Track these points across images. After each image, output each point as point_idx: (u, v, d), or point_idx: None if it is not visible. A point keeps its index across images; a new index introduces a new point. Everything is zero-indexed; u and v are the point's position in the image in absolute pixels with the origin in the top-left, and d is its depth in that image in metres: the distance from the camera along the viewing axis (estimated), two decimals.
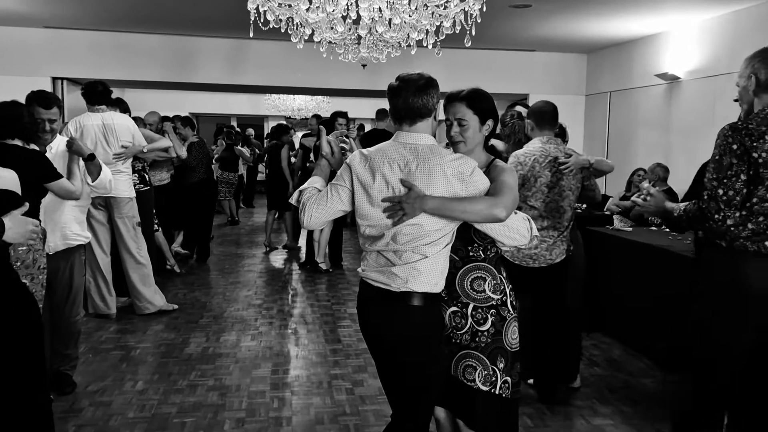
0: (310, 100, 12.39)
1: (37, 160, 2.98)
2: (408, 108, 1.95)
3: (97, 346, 4.18)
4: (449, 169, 1.90)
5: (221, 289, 5.83)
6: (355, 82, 7.51)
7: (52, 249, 3.28)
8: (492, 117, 2.13)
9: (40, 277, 3.02)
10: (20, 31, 6.69)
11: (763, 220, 2.16)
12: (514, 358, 2.14)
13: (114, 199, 4.58)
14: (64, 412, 3.17)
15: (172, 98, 11.71)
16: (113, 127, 4.55)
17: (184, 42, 7.15)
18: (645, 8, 5.46)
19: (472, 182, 1.91)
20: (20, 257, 2.91)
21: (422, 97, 1.94)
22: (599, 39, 6.92)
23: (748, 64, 2.30)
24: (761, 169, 2.14)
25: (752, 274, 2.18)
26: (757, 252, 2.18)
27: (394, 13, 3.14)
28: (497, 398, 2.09)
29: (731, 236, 2.21)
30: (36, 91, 3.25)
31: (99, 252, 4.69)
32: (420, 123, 1.97)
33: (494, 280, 2.11)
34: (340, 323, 4.80)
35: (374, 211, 1.95)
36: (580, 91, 8.03)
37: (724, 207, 2.17)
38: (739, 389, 2.31)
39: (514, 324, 2.14)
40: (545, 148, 3.21)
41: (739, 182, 2.16)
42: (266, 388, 3.54)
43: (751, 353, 2.26)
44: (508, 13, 5.68)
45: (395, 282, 1.95)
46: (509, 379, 2.11)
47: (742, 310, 2.22)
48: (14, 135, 2.96)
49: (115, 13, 6.03)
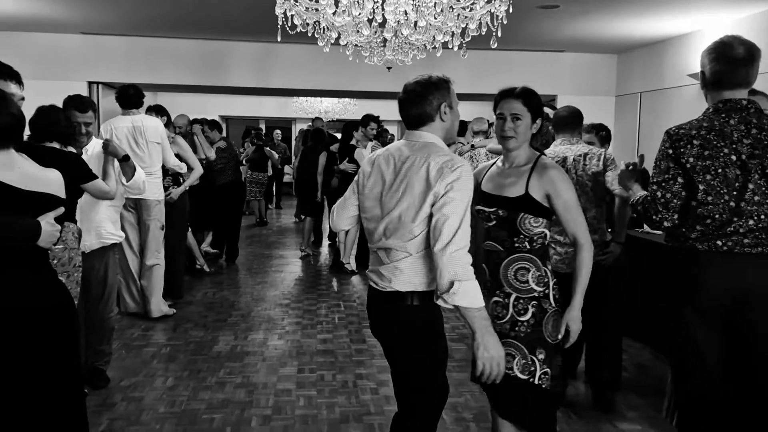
0: (336, 103, 12.47)
1: (73, 162, 3.08)
2: (408, 118, 2.06)
3: (130, 342, 4.29)
4: (434, 164, 1.93)
5: (249, 288, 5.92)
6: (380, 84, 7.52)
7: (88, 248, 3.38)
8: (541, 116, 2.19)
9: (76, 275, 3.12)
10: (58, 38, 6.89)
11: (710, 223, 2.16)
12: (554, 350, 2.14)
13: (144, 201, 4.69)
14: (98, 406, 3.27)
15: (202, 101, 11.91)
16: (142, 129, 4.66)
17: (215, 46, 7.27)
18: (677, 7, 5.36)
19: (452, 179, 1.89)
20: (56, 255, 3.01)
21: (418, 106, 2.01)
22: (630, 39, 6.82)
23: (700, 59, 2.28)
24: (692, 174, 2.15)
25: (705, 272, 2.17)
26: (707, 251, 2.17)
27: (419, 16, 3.16)
28: (536, 388, 2.10)
29: (683, 237, 2.23)
30: (72, 96, 3.37)
31: (129, 253, 4.80)
32: (423, 128, 2.04)
33: (538, 272, 2.12)
34: (365, 324, 4.83)
35: (368, 202, 2.08)
36: (610, 92, 7.91)
37: (662, 209, 2.21)
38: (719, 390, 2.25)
39: (556, 317, 2.13)
40: (554, 151, 3.26)
41: (676, 185, 2.19)
42: (292, 386, 3.59)
43: (721, 353, 2.22)
44: (536, 14, 5.64)
45: (382, 281, 2.03)
46: (549, 371, 2.11)
47: (699, 307, 2.21)
48: (52, 138, 3.08)
49: (148, 19, 6.18)
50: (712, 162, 2.13)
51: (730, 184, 2.12)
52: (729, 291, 2.15)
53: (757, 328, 2.15)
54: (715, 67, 2.20)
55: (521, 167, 2.19)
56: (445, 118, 2.03)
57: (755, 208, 2.12)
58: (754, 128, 2.14)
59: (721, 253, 2.15)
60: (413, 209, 1.95)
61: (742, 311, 2.15)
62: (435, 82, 2.02)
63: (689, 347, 2.25)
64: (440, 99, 2.01)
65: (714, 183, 2.14)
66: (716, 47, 2.22)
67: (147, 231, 4.79)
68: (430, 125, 2.04)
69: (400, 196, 1.98)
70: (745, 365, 2.19)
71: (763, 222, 2.12)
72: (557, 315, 2.14)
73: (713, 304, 2.18)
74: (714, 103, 2.24)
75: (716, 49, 2.22)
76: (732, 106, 2.18)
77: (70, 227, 3.10)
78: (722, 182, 2.13)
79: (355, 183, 2.16)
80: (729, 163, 2.12)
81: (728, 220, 2.13)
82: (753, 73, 2.20)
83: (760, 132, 2.14)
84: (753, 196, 2.12)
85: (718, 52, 2.20)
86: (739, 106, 2.18)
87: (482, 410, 3.27)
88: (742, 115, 2.17)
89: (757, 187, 2.12)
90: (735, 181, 2.12)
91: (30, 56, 6.81)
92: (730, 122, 2.16)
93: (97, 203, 3.44)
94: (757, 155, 2.11)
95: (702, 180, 2.14)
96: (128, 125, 4.65)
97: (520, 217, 2.11)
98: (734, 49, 2.18)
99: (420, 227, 1.95)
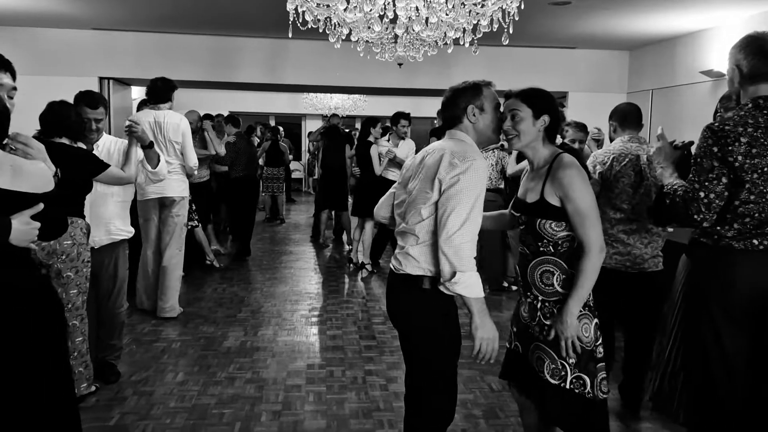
0: (347, 99, 12.46)
1: (83, 156, 3.11)
2: (444, 121, 2.22)
3: (140, 338, 4.32)
4: (448, 153, 2.02)
5: (259, 284, 5.94)
6: (391, 80, 7.52)
7: (97, 243, 3.40)
8: (548, 113, 2.14)
9: (85, 270, 3.14)
10: (69, 33, 6.93)
11: (749, 221, 2.11)
12: (588, 356, 2.09)
13: (167, 198, 4.66)
14: (109, 399, 3.29)
15: (213, 97, 11.95)
16: (163, 124, 4.59)
17: (225, 42, 7.29)
18: (689, 4, 5.31)
19: (459, 171, 1.97)
20: (65, 251, 3.04)
21: (448, 110, 2.16)
22: (642, 35, 6.76)
23: (731, 54, 2.21)
24: (740, 173, 2.08)
25: (739, 270, 2.12)
26: (744, 250, 2.12)
27: (431, 12, 3.15)
28: (569, 393, 2.07)
29: (717, 236, 2.17)
30: (83, 92, 3.38)
31: (148, 250, 4.76)
32: (455, 129, 2.15)
33: (563, 275, 2.10)
34: (375, 320, 4.84)
35: (400, 189, 2.22)
36: (621, 89, 7.85)
37: (705, 210, 2.11)
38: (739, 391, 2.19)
39: (585, 321, 2.08)
40: (626, 147, 3.12)
41: (720, 185, 2.10)
42: (302, 382, 3.60)
43: (745, 354, 2.17)
44: (548, 11, 5.61)
45: (398, 264, 2.13)
46: (584, 377, 2.07)
47: (730, 307, 2.15)
48: (62, 133, 3.09)
49: (159, 14, 6.20)
50: (760, 160, 2.06)
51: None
52: (763, 291, 2.10)
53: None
54: (753, 60, 2.13)
55: (541, 169, 2.17)
56: (473, 119, 2.12)
57: None
58: None
59: (758, 252, 2.10)
60: (423, 192, 2.05)
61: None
62: (465, 87, 2.14)
63: (715, 353, 2.18)
64: (467, 101, 2.12)
65: (759, 182, 2.07)
66: (751, 42, 2.16)
67: (168, 228, 4.71)
68: (460, 126, 2.14)
69: (417, 181, 2.10)
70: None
71: None
72: (586, 319, 2.09)
73: (747, 304, 2.12)
74: (752, 98, 2.15)
75: (752, 44, 2.15)
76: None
77: (79, 223, 3.12)
78: (766, 181, 2.07)
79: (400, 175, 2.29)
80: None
81: (767, 220, 2.09)
82: None
83: None
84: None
85: (755, 46, 2.14)
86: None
87: (491, 407, 3.27)
88: None
89: None
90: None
91: (41, 52, 6.86)
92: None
93: (106, 199, 3.45)
94: None
95: (749, 179, 2.07)
96: (151, 120, 4.56)
97: (539, 222, 2.10)
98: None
99: (427, 210, 2.03)
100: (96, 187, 3.26)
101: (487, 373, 3.65)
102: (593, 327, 2.11)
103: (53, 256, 3.01)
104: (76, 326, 3.14)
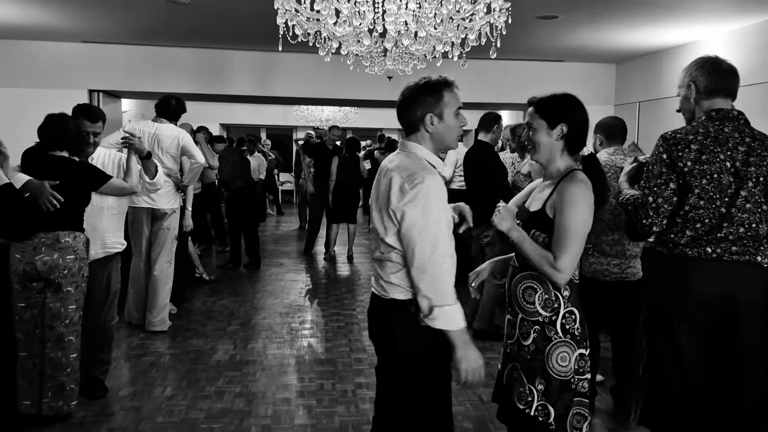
0: (337, 111, 12.51)
1: (84, 170, 3.11)
2: (401, 125, 2.03)
3: (128, 352, 4.28)
4: (397, 178, 1.88)
5: (249, 297, 5.91)
6: (381, 93, 7.55)
7: (92, 256, 3.37)
8: (564, 121, 2.02)
9: (83, 285, 3.13)
10: (59, 46, 6.91)
11: (700, 227, 2.18)
12: (560, 386, 1.94)
13: (158, 210, 4.64)
14: (96, 415, 3.25)
15: (204, 109, 11.93)
16: (161, 138, 4.61)
17: (216, 55, 7.30)
18: (675, 18, 5.39)
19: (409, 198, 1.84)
20: (68, 266, 3.01)
21: (404, 114, 1.99)
22: (628, 49, 6.85)
23: (686, 73, 2.35)
24: (688, 178, 2.17)
25: (693, 279, 2.19)
26: (698, 257, 2.19)
27: (419, 26, 3.18)
28: (532, 420, 1.97)
29: (672, 243, 2.23)
30: (82, 105, 3.38)
31: (138, 263, 4.73)
32: (411, 137, 2.00)
33: (545, 294, 1.97)
34: (365, 333, 4.81)
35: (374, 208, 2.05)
36: (609, 101, 7.94)
37: (652, 214, 2.21)
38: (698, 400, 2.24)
39: (564, 349, 1.95)
40: (610, 159, 3.20)
41: (668, 190, 2.20)
42: (292, 395, 3.58)
43: (703, 360, 2.22)
44: (535, 24, 5.67)
45: (381, 291, 2.01)
46: (549, 407, 1.94)
47: (687, 315, 2.21)
48: (62, 147, 3.08)
49: (149, 27, 6.20)
50: (709, 166, 2.17)
51: (723, 190, 2.16)
52: (717, 298, 2.17)
53: (742, 336, 2.17)
54: (709, 77, 2.28)
55: (552, 181, 2.06)
56: (431, 129, 1.95)
57: (746, 216, 2.16)
58: (747, 137, 2.21)
59: (710, 260, 2.18)
60: (381, 224, 1.93)
61: (728, 319, 2.17)
62: (423, 88, 1.93)
63: (671, 357, 2.25)
64: (426, 108, 1.93)
65: (708, 188, 2.17)
66: (706, 61, 2.33)
67: (159, 241, 4.68)
68: (416, 135, 1.98)
69: (375, 209, 1.98)
70: (729, 373, 2.20)
71: (752, 230, 2.17)
72: (566, 347, 1.95)
73: (702, 311, 2.19)
74: (706, 111, 2.28)
75: (707, 63, 2.32)
76: (725, 114, 2.25)
77: (81, 237, 3.10)
78: (716, 187, 2.17)
79: None
80: (724, 170, 2.17)
81: (718, 226, 2.17)
82: (738, 86, 2.33)
83: (754, 140, 2.21)
84: (745, 203, 2.16)
85: (710, 64, 2.31)
86: (731, 115, 2.26)
87: (481, 419, 3.26)
88: (735, 124, 2.24)
89: (750, 194, 2.16)
90: (728, 187, 2.17)
91: (31, 65, 6.83)
92: (725, 130, 2.22)
93: (101, 212, 3.44)
94: (752, 162, 2.17)
95: (698, 184, 2.17)
96: (151, 131, 4.62)
97: (533, 233, 1.99)
98: (723, 62, 2.32)
99: (393, 239, 1.91)
100: (93, 200, 3.26)
101: (477, 385, 3.64)
102: (575, 357, 1.96)
103: (55, 270, 2.99)
104: (72, 342, 3.10)
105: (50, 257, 2.97)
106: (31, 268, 2.96)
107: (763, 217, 2.19)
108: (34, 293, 3.03)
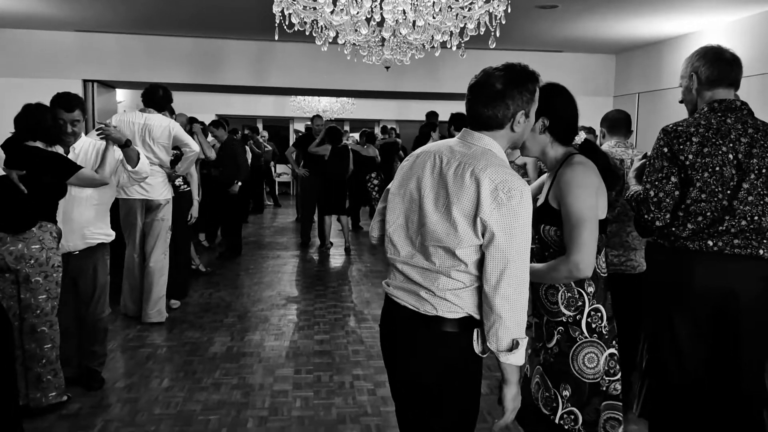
0: (335, 102, 12.44)
1: (54, 159, 3.07)
2: (476, 117, 1.69)
3: (125, 344, 4.26)
4: (488, 181, 1.57)
5: (246, 289, 5.89)
6: (378, 83, 7.52)
7: (74, 248, 3.33)
8: (543, 114, 1.87)
9: (55, 275, 3.09)
10: (53, 35, 6.84)
11: (702, 220, 2.16)
12: (590, 390, 1.83)
13: (151, 201, 4.59)
14: (92, 407, 3.24)
15: (199, 100, 11.87)
16: (151, 128, 4.54)
17: (211, 44, 7.24)
18: (675, 9, 5.36)
19: (510, 210, 1.55)
20: (34, 255, 3.00)
21: (492, 107, 1.65)
22: (628, 39, 6.82)
23: (688, 63, 2.32)
24: (689, 171, 2.15)
25: (696, 272, 2.18)
26: (699, 251, 2.17)
27: (417, 15, 3.14)
28: (558, 428, 1.87)
29: (673, 237, 2.22)
30: (60, 94, 3.30)
31: (133, 254, 4.69)
32: (486, 132, 1.69)
33: (568, 293, 1.86)
34: (363, 324, 4.81)
35: (395, 202, 1.78)
36: (608, 93, 7.91)
37: (654, 209, 2.20)
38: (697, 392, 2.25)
39: (591, 350, 1.84)
40: (611, 151, 3.17)
41: (669, 184, 2.18)
42: (289, 387, 3.56)
43: (706, 354, 2.22)
44: (535, 14, 5.63)
45: (417, 304, 1.70)
46: (577, 413, 1.84)
47: (688, 308, 2.20)
48: (36, 137, 3.05)
49: (143, 16, 6.14)
50: (711, 159, 2.14)
51: (725, 182, 2.14)
52: (718, 292, 2.16)
53: (742, 330, 2.16)
54: (711, 67, 2.24)
55: (552, 171, 1.95)
56: (516, 128, 1.69)
57: (748, 209, 2.14)
58: (750, 128, 2.18)
59: (712, 253, 2.16)
60: (454, 229, 1.60)
61: (729, 312, 2.17)
62: (518, 81, 1.66)
63: (670, 347, 2.25)
64: (520, 105, 1.66)
65: (710, 181, 2.15)
66: (709, 51, 2.28)
67: (153, 232, 4.62)
68: (498, 132, 1.68)
69: (443, 210, 1.62)
70: (729, 366, 2.20)
71: (755, 223, 2.14)
72: (593, 348, 1.85)
73: (702, 304, 2.18)
74: (708, 102, 2.25)
75: (709, 52, 2.28)
76: (727, 105, 2.22)
77: (49, 227, 3.07)
78: (718, 180, 2.14)
79: None
80: (726, 162, 2.14)
81: (719, 219, 2.15)
82: (741, 75, 2.29)
83: (757, 132, 2.17)
84: (747, 195, 2.14)
85: (712, 54, 2.27)
86: (734, 106, 2.22)
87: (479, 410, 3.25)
88: (738, 115, 2.20)
89: (752, 187, 2.14)
90: (730, 180, 2.14)
91: (24, 54, 6.77)
92: (727, 121, 2.19)
93: (81, 203, 3.35)
94: (755, 154, 2.14)
95: (699, 177, 2.15)
96: (140, 122, 4.55)
97: (542, 228, 1.89)
98: (725, 52, 2.27)
99: (465, 252, 1.60)
100: (70, 191, 3.21)
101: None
102: (604, 358, 1.85)
103: (21, 261, 2.98)
104: (45, 332, 3.07)
105: (15, 247, 2.96)
106: (0, 259, 2.96)
107: (766, 210, 2.16)
108: (8, 284, 3.02)
